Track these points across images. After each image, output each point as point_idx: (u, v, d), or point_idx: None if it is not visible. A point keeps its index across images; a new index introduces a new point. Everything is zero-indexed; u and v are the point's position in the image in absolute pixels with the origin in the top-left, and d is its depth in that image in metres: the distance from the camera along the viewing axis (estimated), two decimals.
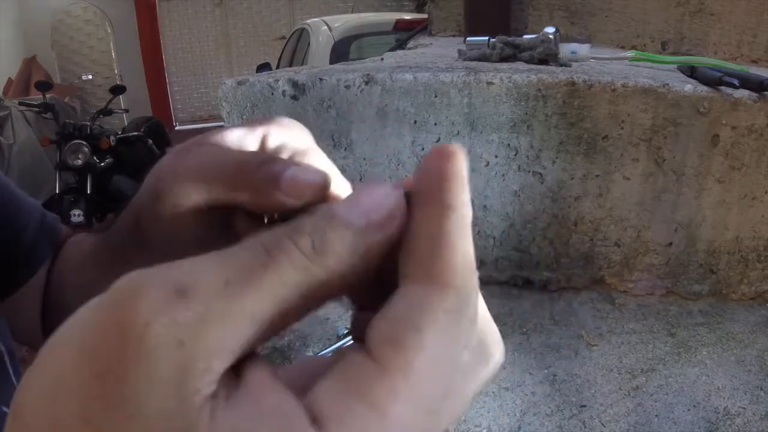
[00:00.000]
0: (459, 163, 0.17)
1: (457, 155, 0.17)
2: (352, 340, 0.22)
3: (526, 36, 1.74)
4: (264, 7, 7.25)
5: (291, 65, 3.96)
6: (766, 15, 1.75)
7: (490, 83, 1.45)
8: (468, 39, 1.84)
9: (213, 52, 7.37)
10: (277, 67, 4.09)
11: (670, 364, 1.37)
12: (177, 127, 7.35)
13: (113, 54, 6.85)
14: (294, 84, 1.50)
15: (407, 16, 3.99)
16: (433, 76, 1.46)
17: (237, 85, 1.52)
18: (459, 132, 1.49)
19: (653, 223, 1.53)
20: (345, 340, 1.40)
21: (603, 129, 1.46)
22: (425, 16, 3.19)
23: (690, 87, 1.41)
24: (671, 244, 1.54)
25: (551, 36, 1.67)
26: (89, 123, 3.59)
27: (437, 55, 1.96)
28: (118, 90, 4.06)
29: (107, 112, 3.95)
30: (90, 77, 6.73)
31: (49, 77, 5.57)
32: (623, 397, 1.27)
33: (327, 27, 3.64)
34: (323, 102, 1.50)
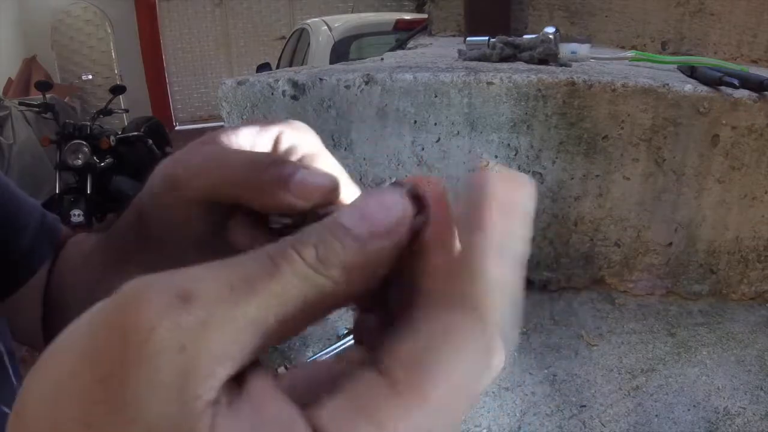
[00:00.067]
0: (500, 185, 0.17)
1: (500, 178, 0.17)
2: (353, 340, 0.22)
3: (526, 36, 1.74)
4: (264, 7, 7.26)
5: (291, 65, 3.96)
6: (766, 15, 1.75)
7: (490, 83, 1.45)
8: (468, 39, 1.84)
9: (213, 52, 7.37)
10: (277, 67, 4.09)
11: (670, 364, 1.37)
12: (177, 127, 7.35)
13: (113, 54, 6.86)
14: (294, 84, 1.50)
15: (407, 16, 3.99)
16: (433, 76, 1.46)
17: (237, 85, 1.52)
18: (459, 132, 1.49)
19: (653, 223, 1.53)
20: (345, 340, 1.40)
21: (603, 129, 1.46)
22: (425, 16, 3.19)
23: (690, 87, 1.41)
24: (671, 244, 1.54)
25: (551, 36, 1.67)
26: (89, 123, 3.59)
27: (437, 55, 1.96)
28: (118, 90, 4.07)
29: (107, 112, 3.95)
30: (90, 77, 6.74)
31: (49, 77, 5.58)
32: (623, 397, 1.27)
33: (327, 27, 3.64)
34: (323, 102, 1.50)
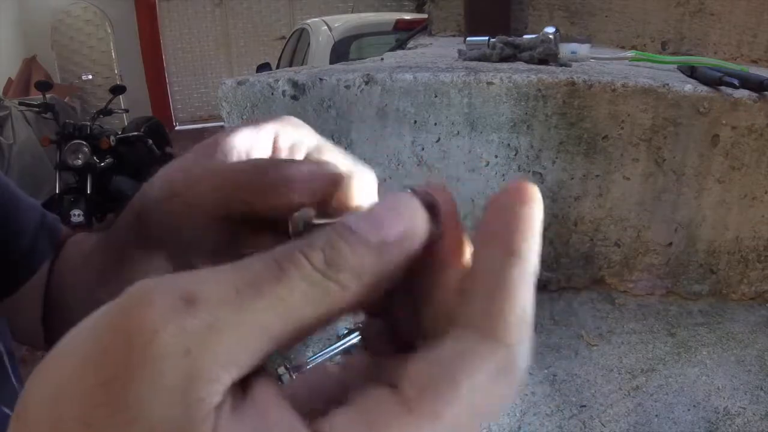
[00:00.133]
0: (532, 206, 0.16)
1: (533, 198, 0.16)
2: (358, 338, 0.21)
3: (526, 36, 1.74)
4: (264, 7, 7.26)
5: (291, 65, 3.96)
6: (766, 15, 1.75)
7: (490, 83, 1.45)
8: (468, 39, 1.84)
9: (213, 52, 7.37)
10: (277, 67, 4.09)
11: (670, 364, 1.37)
12: (177, 127, 7.35)
13: (113, 54, 6.86)
14: (294, 84, 1.50)
15: (407, 16, 3.99)
16: (433, 76, 1.46)
17: (237, 85, 1.52)
18: (459, 132, 1.49)
19: (653, 223, 1.53)
20: (345, 340, 1.40)
21: (603, 129, 1.46)
22: (425, 16, 3.18)
23: (690, 87, 1.41)
24: (671, 244, 1.54)
25: (551, 36, 1.66)
26: (89, 123, 3.60)
27: (437, 55, 1.96)
28: (118, 90, 4.07)
29: (107, 112, 3.95)
30: (90, 77, 6.74)
31: (49, 77, 5.58)
32: (623, 397, 1.27)
33: (327, 27, 3.64)
34: (323, 102, 1.50)
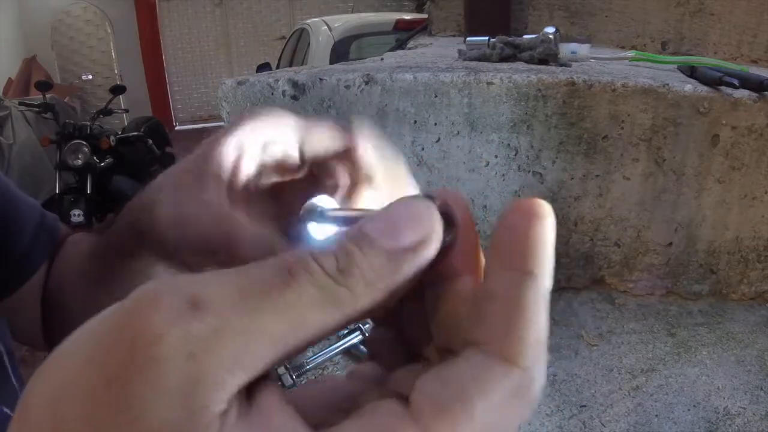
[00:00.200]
0: (546, 224, 0.16)
1: (545, 215, 0.16)
2: (359, 338, 0.21)
3: (526, 36, 1.74)
4: (264, 7, 7.25)
5: (291, 65, 3.96)
6: (766, 15, 1.75)
7: (490, 83, 1.45)
8: (468, 39, 1.84)
9: (213, 52, 7.37)
10: (277, 67, 4.09)
11: (670, 364, 1.37)
12: (177, 127, 7.35)
13: (113, 54, 6.85)
14: (294, 84, 1.50)
15: (407, 16, 3.99)
16: (433, 76, 1.46)
17: (237, 85, 1.52)
18: (459, 132, 1.49)
19: (653, 223, 1.53)
20: (345, 340, 1.40)
21: (603, 129, 1.46)
22: (425, 16, 3.18)
23: (690, 87, 1.41)
24: (671, 244, 1.54)
25: (551, 36, 1.66)
26: (89, 123, 3.59)
27: (437, 55, 1.96)
28: (118, 90, 4.06)
29: (107, 112, 3.95)
30: (90, 77, 6.74)
31: (49, 77, 5.57)
32: (623, 397, 1.27)
33: (327, 27, 3.64)
34: (323, 102, 1.50)
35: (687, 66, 1.54)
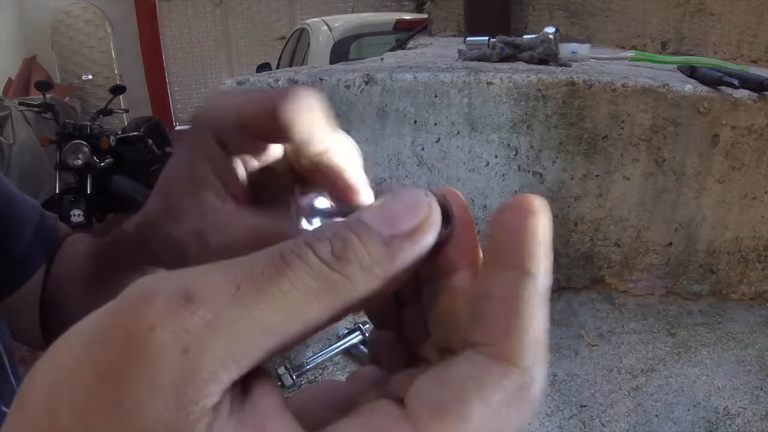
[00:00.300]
0: (542, 222, 0.16)
1: (541, 212, 0.16)
2: (359, 338, 0.21)
3: (526, 36, 1.74)
4: (264, 7, 7.25)
5: (291, 65, 3.96)
6: (766, 15, 1.75)
7: (490, 83, 1.45)
8: (468, 39, 1.84)
9: (213, 52, 7.36)
10: (277, 67, 4.09)
11: (670, 364, 1.37)
12: (177, 127, 7.34)
13: (113, 54, 6.85)
14: (294, 84, 1.50)
15: (407, 16, 3.99)
16: (433, 76, 1.46)
17: (237, 86, 1.52)
18: (459, 132, 1.49)
19: (653, 223, 1.53)
20: (345, 340, 1.40)
21: (603, 129, 1.46)
22: (425, 16, 3.18)
23: (690, 87, 1.41)
24: (671, 244, 1.54)
25: (551, 36, 1.66)
26: (89, 123, 3.59)
27: (437, 55, 1.96)
28: (118, 90, 4.06)
29: (107, 112, 3.94)
30: (90, 77, 6.73)
31: (49, 77, 5.57)
32: (623, 397, 1.27)
33: (327, 27, 3.64)
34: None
35: (687, 66, 1.54)
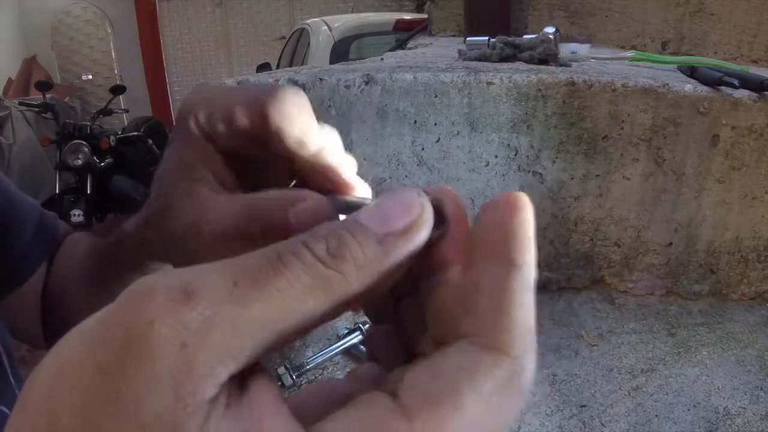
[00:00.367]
0: (527, 216, 0.16)
1: (525, 207, 0.16)
2: (359, 338, 0.21)
3: (526, 36, 1.74)
4: (264, 7, 7.25)
5: (291, 65, 3.96)
6: (766, 15, 1.75)
7: (490, 83, 1.45)
8: (468, 39, 1.84)
9: (213, 52, 7.36)
10: (277, 67, 4.09)
11: (670, 364, 1.37)
12: None
13: (113, 54, 6.85)
14: (294, 84, 1.50)
15: (407, 16, 3.99)
16: (433, 76, 1.46)
17: (237, 86, 1.52)
18: (459, 132, 1.49)
19: (653, 223, 1.53)
20: (345, 340, 1.40)
21: (603, 129, 1.46)
22: (425, 16, 3.18)
23: (690, 87, 1.41)
24: (671, 244, 1.54)
25: (551, 36, 1.66)
26: (89, 123, 3.59)
27: (437, 55, 1.96)
28: (118, 90, 4.06)
29: (107, 112, 3.95)
30: (90, 77, 6.73)
31: (49, 77, 5.57)
32: (623, 397, 1.27)
33: (327, 27, 3.64)
34: (323, 102, 1.50)
35: (687, 66, 1.54)
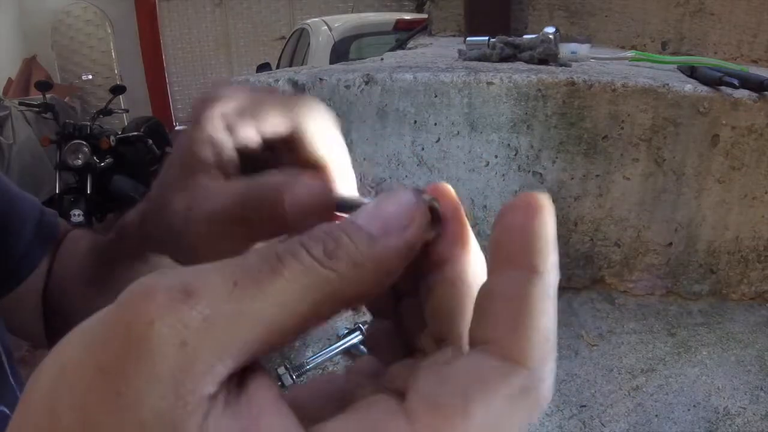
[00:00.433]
0: (547, 219, 0.16)
1: (546, 209, 0.16)
2: (359, 338, 0.21)
3: (526, 36, 1.74)
4: (264, 7, 7.25)
5: (291, 65, 3.96)
6: (766, 15, 1.75)
7: (490, 83, 1.45)
8: (468, 39, 1.84)
9: (213, 52, 7.37)
10: (277, 67, 4.09)
11: (670, 364, 1.37)
12: (177, 127, 7.34)
13: (113, 54, 6.85)
14: (294, 84, 1.50)
15: (407, 16, 3.99)
16: (433, 76, 1.46)
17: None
18: (459, 132, 1.49)
19: (653, 223, 1.53)
20: (345, 340, 1.40)
21: (603, 129, 1.46)
22: (425, 16, 3.18)
23: (690, 87, 1.41)
24: (671, 244, 1.54)
25: (551, 36, 1.66)
26: (89, 123, 3.59)
27: (437, 55, 1.96)
28: (118, 90, 4.06)
29: (107, 112, 3.95)
30: (90, 77, 6.74)
31: (49, 77, 5.57)
32: (623, 397, 1.27)
33: (327, 27, 3.64)
34: (323, 102, 1.50)
35: (687, 66, 1.54)
